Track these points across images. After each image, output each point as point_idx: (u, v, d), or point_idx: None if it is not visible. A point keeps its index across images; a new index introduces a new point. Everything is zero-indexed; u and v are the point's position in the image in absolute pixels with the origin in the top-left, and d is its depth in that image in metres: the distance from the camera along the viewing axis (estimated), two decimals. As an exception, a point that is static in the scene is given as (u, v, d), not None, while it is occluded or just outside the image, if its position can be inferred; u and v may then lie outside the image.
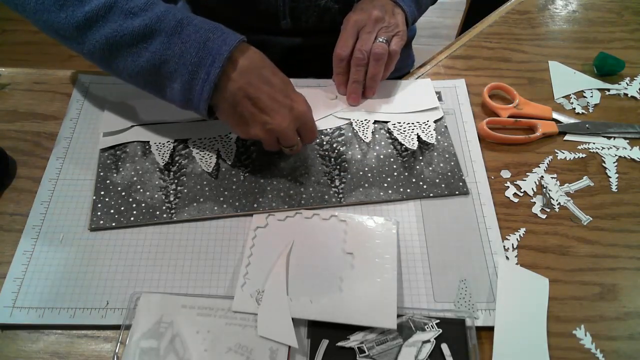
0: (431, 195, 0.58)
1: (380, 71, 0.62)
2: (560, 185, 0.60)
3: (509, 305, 0.50)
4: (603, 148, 0.64)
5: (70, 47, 0.52)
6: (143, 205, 0.55)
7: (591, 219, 0.58)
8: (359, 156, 0.61)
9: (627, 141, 0.65)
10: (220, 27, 0.50)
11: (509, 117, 0.66)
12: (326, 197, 0.57)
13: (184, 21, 0.48)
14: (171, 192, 0.57)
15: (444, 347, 0.47)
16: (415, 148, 0.61)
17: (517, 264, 0.54)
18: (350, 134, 0.63)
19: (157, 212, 0.55)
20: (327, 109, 0.65)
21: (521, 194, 0.59)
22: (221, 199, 0.56)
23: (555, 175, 0.61)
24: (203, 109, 0.49)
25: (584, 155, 0.64)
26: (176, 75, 0.48)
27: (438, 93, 0.68)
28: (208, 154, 0.60)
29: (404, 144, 0.61)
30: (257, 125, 0.51)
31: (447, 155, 0.61)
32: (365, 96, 0.66)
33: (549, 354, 0.48)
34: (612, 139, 0.66)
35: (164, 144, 0.60)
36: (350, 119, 0.64)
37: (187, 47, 0.47)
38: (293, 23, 0.70)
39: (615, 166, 0.63)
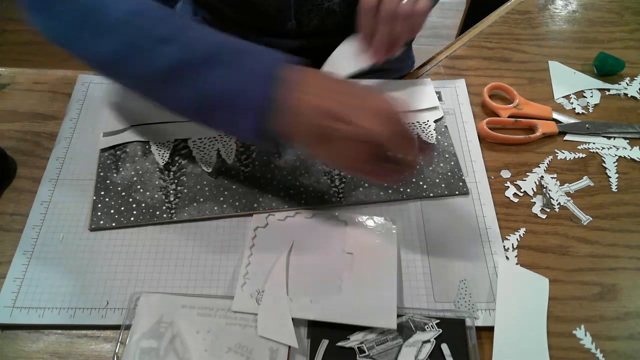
0: (431, 195, 0.58)
1: (406, 30, 0.58)
2: (560, 185, 0.60)
3: (509, 305, 0.50)
4: (603, 148, 0.64)
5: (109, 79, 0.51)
6: (143, 205, 0.55)
7: (591, 219, 0.58)
8: (359, 156, 0.61)
9: (627, 141, 0.65)
10: (262, 49, 0.44)
11: (509, 117, 0.66)
12: (326, 197, 0.57)
13: (222, 47, 0.43)
14: (171, 192, 0.57)
15: (444, 347, 0.47)
16: (415, 148, 0.61)
17: (517, 264, 0.54)
18: (350, 134, 0.63)
19: (157, 212, 0.55)
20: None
21: (521, 194, 0.59)
22: (221, 199, 0.56)
23: (555, 175, 0.61)
24: (255, 135, 0.44)
25: (584, 155, 0.64)
26: (221, 105, 0.43)
27: (438, 93, 0.68)
28: (208, 154, 0.60)
29: (404, 144, 0.61)
30: (343, 142, 0.42)
31: (447, 155, 0.61)
32: (387, 54, 0.61)
33: (549, 354, 0.48)
34: (612, 139, 0.66)
35: (164, 144, 0.60)
36: (350, 119, 0.64)
37: (231, 75, 0.42)
38: (297, 25, 0.70)
39: (615, 166, 0.63)
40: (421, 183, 0.59)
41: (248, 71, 0.42)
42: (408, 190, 0.58)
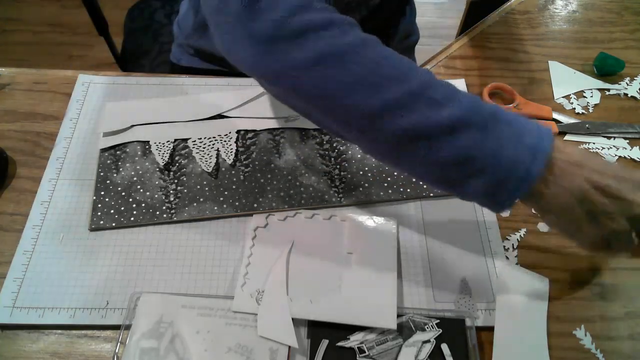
0: (431, 195, 0.58)
1: None
2: (560, 185, 0.60)
3: (509, 305, 0.50)
4: (603, 148, 0.64)
5: (343, 133, 0.47)
6: (143, 205, 0.55)
7: (591, 219, 0.58)
8: (359, 156, 0.61)
9: (627, 141, 0.65)
10: (530, 121, 0.44)
11: (509, 117, 0.66)
12: (326, 197, 0.57)
13: (494, 114, 0.43)
14: (171, 192, 0.57)
15: (444, 347, 0.47)
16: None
17: (517, 264, 0.54)
18: (350, 134, 0.63)
19: (157, 212, 0.55)
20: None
21: (521, 194, 0.59)
22: (221, 199, 0.56)
23: (555, 175, 0.61)
24: (508, 206, 0.44)
25: (584, 155, 0.64)
26: (484, 172, 0.42)
27: (438, 93, 0.68)
28: (208, 154, 0.60)
29: (404, 144, 0.61)
30: (613, 220, 0.42)
31: (447, 155, 0.61)
32: None
33: (549, 354, 0.48)
34: (612, 139, 0.66)
35: (164, 143, 0.60)
36: (350, 119, 0.64)
37: (501, 142, 0.42)
38: None
39: (615, 166, 0.63)
40: (421, 183, 0.59)
41: (519, 142, 0.41)
42: (408, 190, 0.58)
